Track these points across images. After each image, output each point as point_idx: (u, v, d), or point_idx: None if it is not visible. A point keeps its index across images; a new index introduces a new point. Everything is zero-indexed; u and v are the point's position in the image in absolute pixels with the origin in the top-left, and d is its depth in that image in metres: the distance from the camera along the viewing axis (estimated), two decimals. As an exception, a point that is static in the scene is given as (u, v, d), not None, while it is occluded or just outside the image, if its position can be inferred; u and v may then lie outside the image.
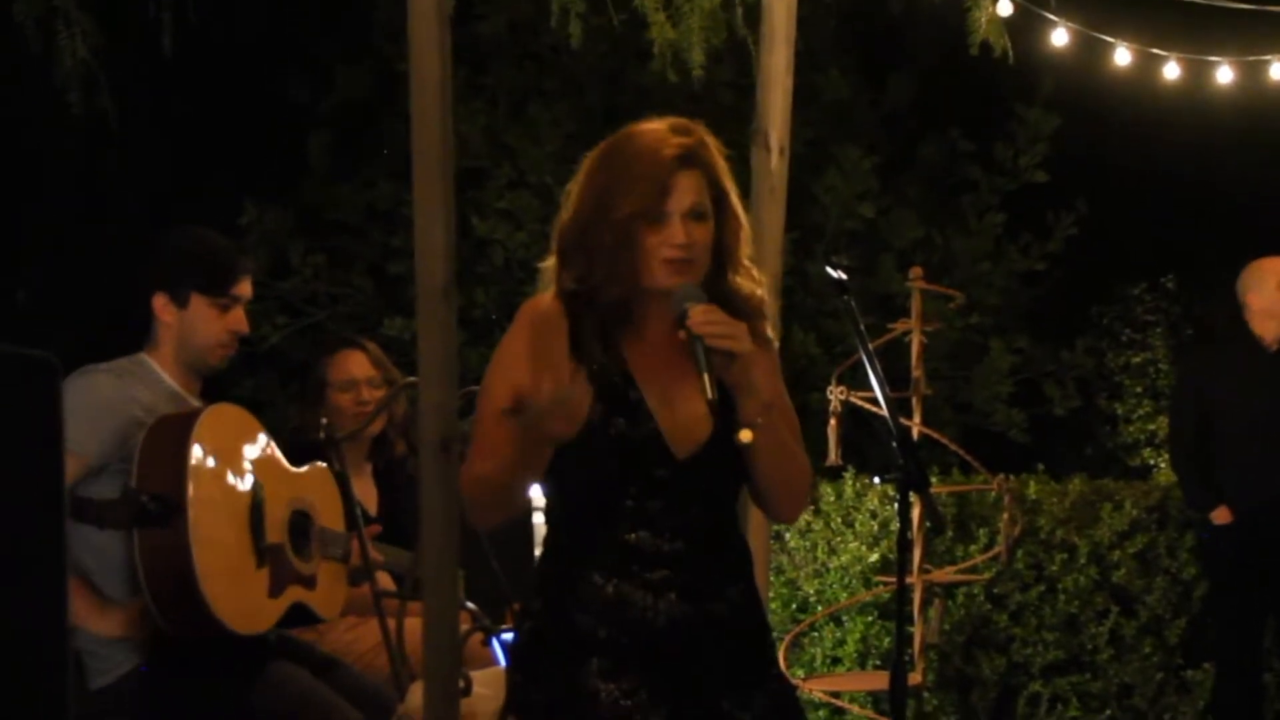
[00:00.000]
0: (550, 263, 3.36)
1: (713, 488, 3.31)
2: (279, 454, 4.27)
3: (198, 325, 4.26)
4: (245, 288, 4.35)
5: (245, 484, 4.07)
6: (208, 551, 3.87)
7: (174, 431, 3.93)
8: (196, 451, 3.90)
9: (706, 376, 3.10)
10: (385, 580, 4.64)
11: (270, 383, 9.82)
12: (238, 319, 4.32)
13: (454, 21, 3.05)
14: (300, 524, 4.25)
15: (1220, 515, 6.85)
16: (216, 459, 3.97)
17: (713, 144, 3.32)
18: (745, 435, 3.17)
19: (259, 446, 4.16)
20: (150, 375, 4.22)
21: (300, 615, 4.22)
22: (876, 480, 7.78)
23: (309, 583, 4.23)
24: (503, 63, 10.08)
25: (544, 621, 3.26)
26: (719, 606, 3.26)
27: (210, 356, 4.29)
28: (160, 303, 4.26)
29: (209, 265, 4.30)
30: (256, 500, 4.07)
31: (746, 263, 3.39)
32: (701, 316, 3.14)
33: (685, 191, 3.23)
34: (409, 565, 4.52)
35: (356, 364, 5.18)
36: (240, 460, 4.08)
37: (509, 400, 3.19)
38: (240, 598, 3.99)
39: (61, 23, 5.83)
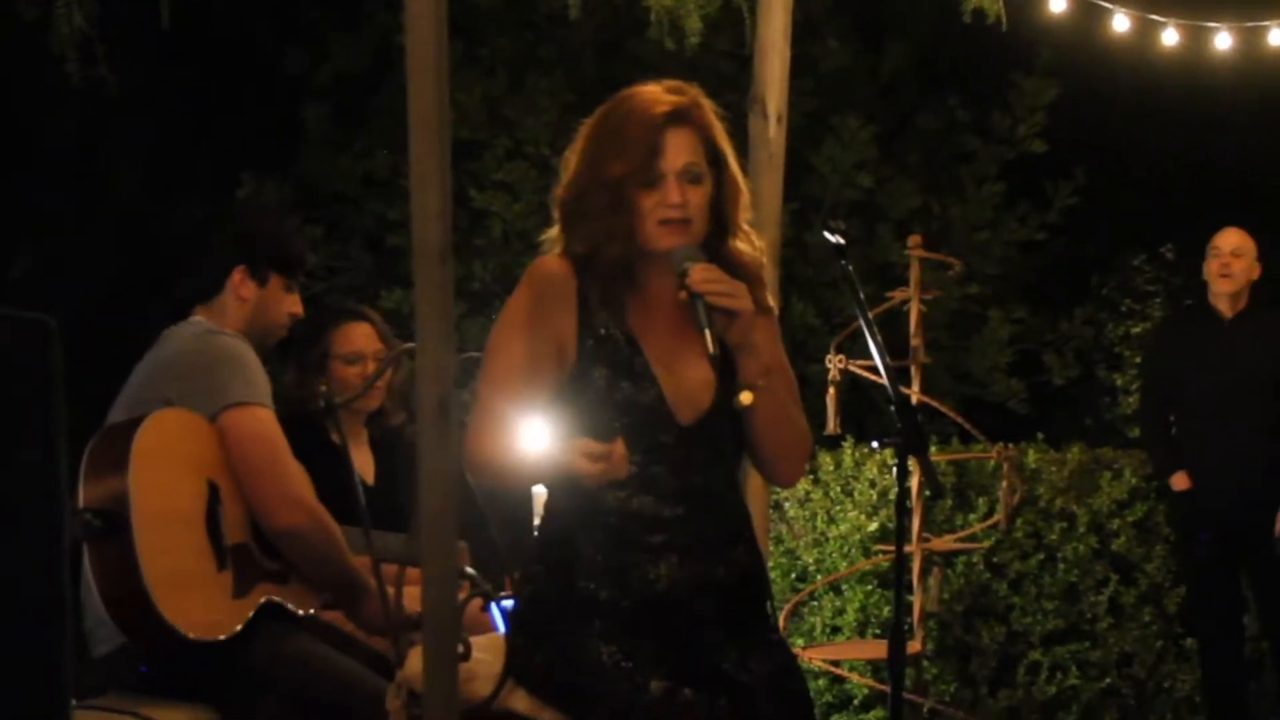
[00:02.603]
0: (553, 232, 3.36)
1: (715, 452, 3.31)
2: None
3: (270, 304, 4.44)
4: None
5: (198, 487, 4.02)
6: (158, 561, 3.81)
7: (115, 443, 3.89)
8: (138, 461, 3.85)
9: (708, 333, 3.10)
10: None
11: (269, 354, 9.81)
12: (296, 301, 4.52)
13: (451, -8, 3.04)
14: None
15: (1179, 480, 6.90)
16: (162, 466, 3.92)
17: (708, 105, 3.32)
18: (745, 397, 3.18)
19: (212, 447, 4.08)
20: None
21: (275, 612, 4.15)
22: (875, 444, 7.78)
23: (280, 578, 4.18)
24: (499, 33, 10.06)
25: (545, 586, 3.27)
26: (719, 570, 3.27)
27: (272, 335, 4.49)
28: (239, 276, 4.38)
29: (287, 247, 4.52)
30: (212, 502, 4.03)
31: (746, 227, 3.39)
32: (701, 275, 3.15)
33: (678, 151, 3.23)
34: (400, 549, 4.48)
35: (363, 336, 5.13)
36: (190, 464, 4.02)
37: (518, 359, 3.20)
38: (198, 604, 3.92)
39: (58, -10, 5.81)
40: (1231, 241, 6.96)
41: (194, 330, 4.29)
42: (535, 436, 3.30)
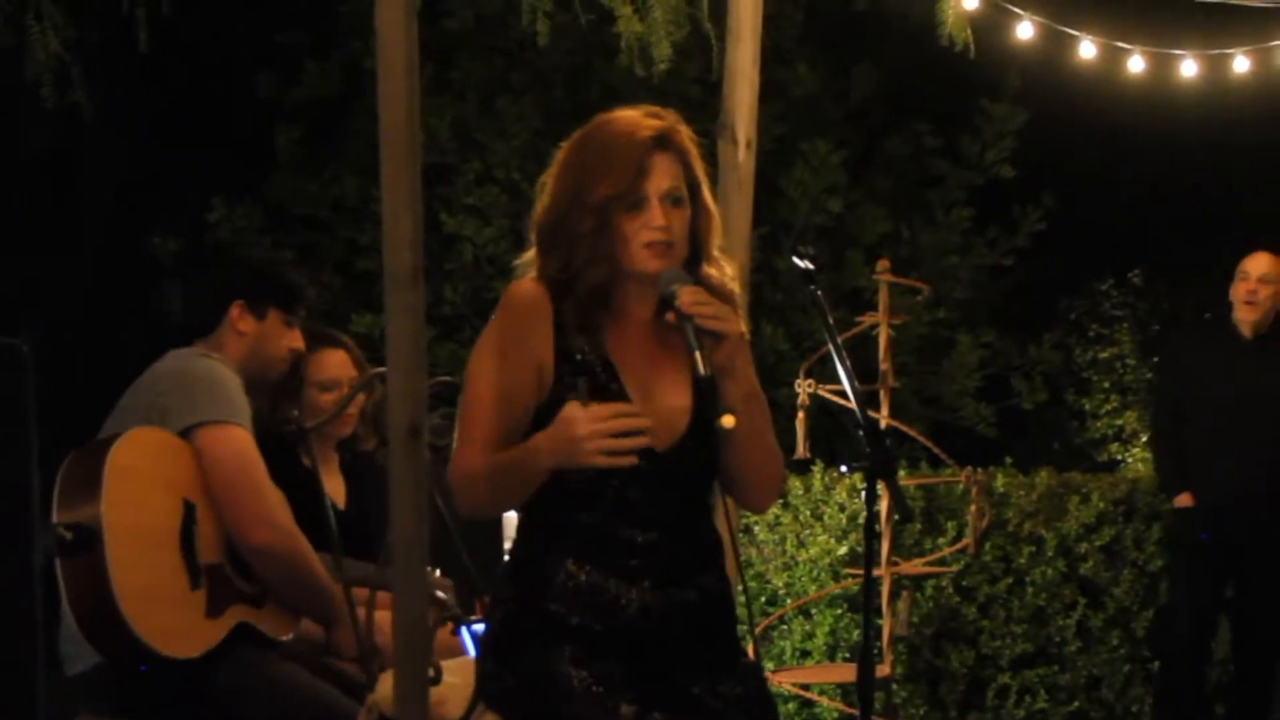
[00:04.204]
0: (529, 255, 3.36)
1: (689, 478, 3.32)
2: None
3: (269, 339, 4.47)
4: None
5: (173, 506, 4.02)
6: (130, 575, 3.82)
7: (90, 460, 3.90)
8: (113, 477, 3.85)
9: (698, 355, 3.11)
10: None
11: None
12: (296, 336, 4.56)
13: (422, 17, 3.05)
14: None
15: (1182, 500, 6.95)
16: (136, 483, 3.93)
17: (685, 131, 3.33)
18: (728, 420, 3.17)
19: (188, 467, 4.08)
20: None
21: (250, 635, 4.15)
22: (844, 468, 7.80)
23: (255, 601, 4.18)
24: (470, 57, 10.08)
25: (516, 609, 3.27)
26: (690, 594, 3.27)
27: (273, 369, 4.50)
28: (238, 311, 4.41)
29: (287, 283, 4.58)
30: (187, 521, 4.03)
31: (716, 253, 3.40)
32: (691, 297, 3.16)
33: (662, 175, 3.24)
34: (373, 577, 4.48)
35: (339, 363, 5.11)
36: (166, 482, 4.03)
37: (496, 387, 3.20)
38: (170, 620, 3.92)
39: (32, 16, 5.82)
40: (1260, 267, 6.98)
41: (183, 354, 4.31)
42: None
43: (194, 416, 4.09)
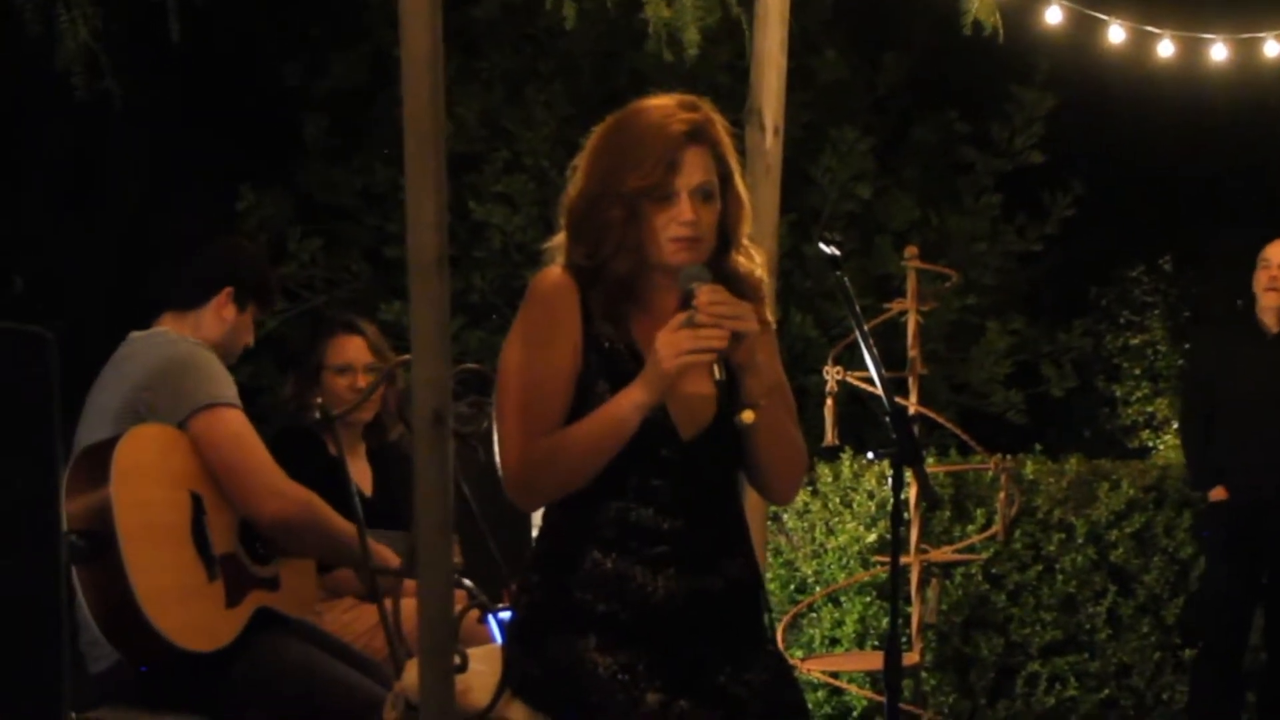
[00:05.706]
0: (559, 239, 3.35)
1: (715, 467, 3.31)
2: None
3: (241, 331, 4.47)
4: None
5: (182, 500, 4.01)
6: (150, 577, 3.81)
7: (94, 464, 3.88)
8: (119, 479, 3.84)
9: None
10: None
11: (268, 368, 9.82)
12: (252, 333, 4.57)
13: (448, 6, 3.05)
14: (253, 529, 4.21)
15: (1216, 494, 6.91)
16: (143, 482, 3.92)
17: (719, 121, 3.31)
18: (748, 416, 3.17)
19: (190, 458, 4.07)
20: None
21: (270, 619, 4.16)
22: (870, 455, 7.78)
23: (271, 585, 4.19)
24: (498, 46, 10.09)
25: (542, 597, 3.27)
26: (716, 582, 3.27)
27: (231, 360, 4.45)
28: (224, 298, 4.41)
29: (268, 281, 4.60)
30: (197, 513, 4.02)
31: (745, 241, 3.39)
32: (709, 297, 3.13)
33: (694, 169, 3.22)
34: (403, 545, 4.50)
35: (355, 349, 5.18)
36: (171, 477, 4.02)
37: (535, 377, 3.20)
38: (192, 616, 3.93)
39: (62, 6, 5.83)
40: None
41: (157, 341, 4.29)
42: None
43: (186, 406, 4.07)
